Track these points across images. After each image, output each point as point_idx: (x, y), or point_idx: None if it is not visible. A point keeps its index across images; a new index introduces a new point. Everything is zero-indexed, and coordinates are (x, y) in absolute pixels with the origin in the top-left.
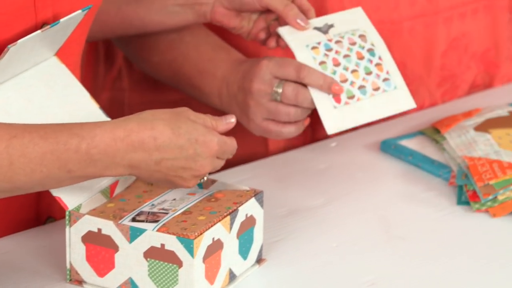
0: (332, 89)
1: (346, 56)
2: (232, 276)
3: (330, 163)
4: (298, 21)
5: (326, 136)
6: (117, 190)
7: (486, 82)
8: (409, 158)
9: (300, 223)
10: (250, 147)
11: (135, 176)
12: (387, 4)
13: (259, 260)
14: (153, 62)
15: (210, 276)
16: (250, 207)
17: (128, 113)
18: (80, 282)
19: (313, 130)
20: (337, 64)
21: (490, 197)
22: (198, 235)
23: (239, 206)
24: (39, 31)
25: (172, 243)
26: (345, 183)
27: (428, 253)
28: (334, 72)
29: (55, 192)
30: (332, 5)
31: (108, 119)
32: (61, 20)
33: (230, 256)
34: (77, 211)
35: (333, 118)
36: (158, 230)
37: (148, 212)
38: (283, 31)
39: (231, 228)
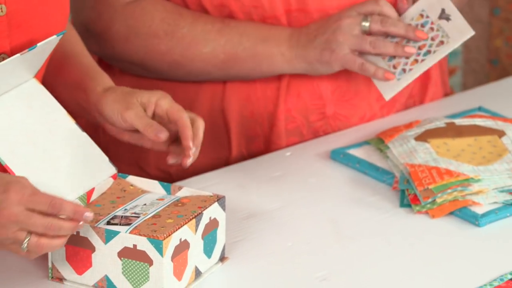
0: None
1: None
2: (197, 273)
3: (285, 170)
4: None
5: (281, 147)
6: (93, 197)
7: (421, 95)
8: (356, 166)
9: (258, 225)
10: (216, 155)
11: None
12: None
13: (222, 258)
14: (205, 52)
15: (178, 273)
16: (214, 211)
17: (102, 137)
18: (61, 279)
19: (269, 143)
20: None
21: (429, 200)
22: (167, 237)
23: (204, 210)
24: (18, 55)
25: (143, 243)
26: (299, 189)
27: (374, 250)
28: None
29: None
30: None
31: (84, 133)
32: (38, 44)
33: (196, 255)
34: None
35: (388, 86)
36: (130, 232)
37: (122, 216)
38: None
39: (196, 229)
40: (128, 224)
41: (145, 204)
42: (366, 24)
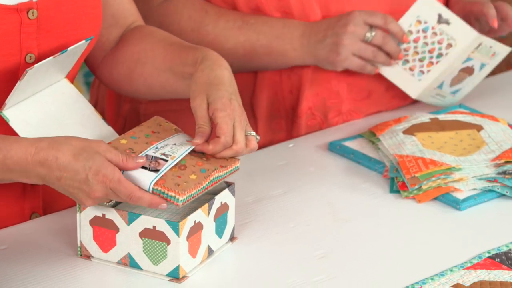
0: (404, 39)
1: (425, 43)
2: (210, 251)
3: (288, 160)
4: None
5: (285, 139)
6: None
7: None
8: (351, 156)
9: (264, 209)
10: None
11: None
12: None
13: (231, 238)
14: (226, 48)
15: (193, 251)
16: (225, 196)
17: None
18: (89, 256)
19: (291, 137)
20: (416, 40)
21: (416, 186)
22: (183, 219)
23: (224, 170)
24: (51, 57)
25: (162, 225)
26: (300, 176)
27: (367, 231)
28: (409, 42)
29: None
30: None
31: (109, 127)
32: (69, 48)
33: (208, 235)
34: None
35: (410, 86)
36: (156, 183)
37: (152, 157)
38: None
39: (209, 213)
40: (156, 170)
41: (175, 144)
42: (370, 37)
